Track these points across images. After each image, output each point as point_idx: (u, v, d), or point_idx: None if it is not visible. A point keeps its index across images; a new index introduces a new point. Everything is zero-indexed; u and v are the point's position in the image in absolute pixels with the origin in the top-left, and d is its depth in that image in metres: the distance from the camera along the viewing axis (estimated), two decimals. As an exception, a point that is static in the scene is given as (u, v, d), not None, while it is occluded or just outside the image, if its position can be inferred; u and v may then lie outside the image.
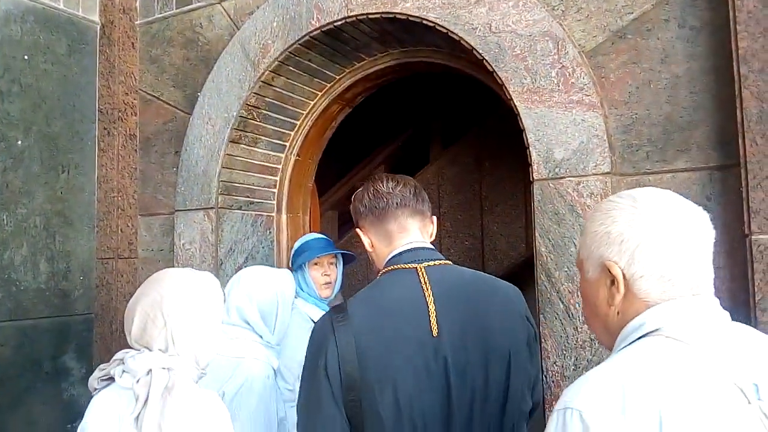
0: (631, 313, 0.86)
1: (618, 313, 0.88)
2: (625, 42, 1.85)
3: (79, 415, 2.55)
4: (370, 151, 5.01)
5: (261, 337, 1.89)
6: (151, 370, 1.26)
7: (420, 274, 1.26)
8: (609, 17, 1.87)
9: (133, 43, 2.74)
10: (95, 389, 1.34)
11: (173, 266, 2.51)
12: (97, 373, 1.34)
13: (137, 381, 1.26)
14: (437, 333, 1.20)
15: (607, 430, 0.74)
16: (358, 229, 1.42)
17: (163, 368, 1.28)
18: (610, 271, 0.87)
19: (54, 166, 2.53)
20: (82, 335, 2.60)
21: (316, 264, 2.31)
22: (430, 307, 1.22)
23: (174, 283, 1.36)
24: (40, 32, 2.55)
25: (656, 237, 0.85)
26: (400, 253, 1.31)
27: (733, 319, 0.88)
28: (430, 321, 1.21)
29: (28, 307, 2.40)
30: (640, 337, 0.84)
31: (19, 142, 2.44)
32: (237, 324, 1.88)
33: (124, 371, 1.30)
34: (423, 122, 4.93)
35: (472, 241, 4.11)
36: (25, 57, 2.50)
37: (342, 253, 2.43)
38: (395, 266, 1.30)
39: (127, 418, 1.24)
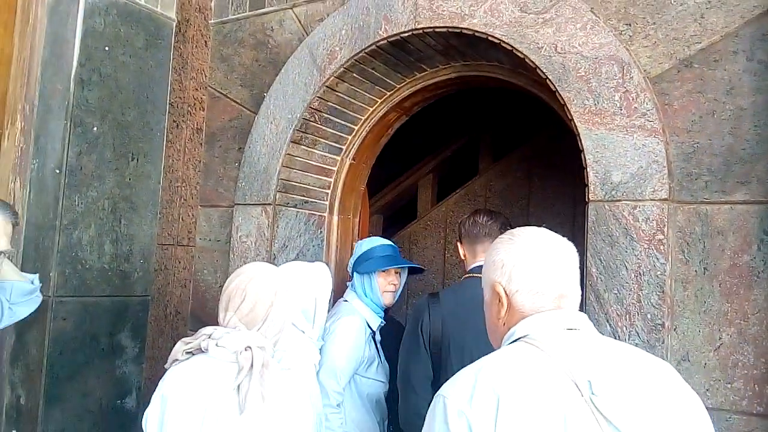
0: (512, 323, 1.08)
1: (504, 324, 1.10)
2: (691, 71, 1.86)
3: (128, 392, 2.69)
4: (420, 158, 5.07)
5: (303, 332, 1.95)
6: (249, 347, 1.41)
7: None
8: (676, 45, 1.89)
9: (206, 41, 2.87)
10: (177, 360, 1.45)
11: (228, 257, 2.62)
12: (181, 346, 1.46)
13: (237, 353, 1.40)
14: None
15: (458, 412, 0.95)
16: (458, 242, 2.14)
17: (260, 347, 1.43)
18: (496, 290, 1.11)
19: (125, 154, 2.67)
20: (138, 316, 2.73)
21: (384, 272, 2.34)
22: None
23: (269, 273, 1.54)
24: (121, 25, 2.70)
25: (527, 259, 1.09)
26: (478, 267, 1.88)
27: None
28: None
29: (92, 285, 2.53)
30: (511, 342, 1.06)
31: (95, 129, 2.58)
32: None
33: (216, 345, 1.42)
34: (474, 133, 4.96)
35: (515, 255, 4.11)
36: (106, 48, 2.65)
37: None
38: (473, 275, 1.96)
39: (224, 388, 1.36)
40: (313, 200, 2.79)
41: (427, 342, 1.92)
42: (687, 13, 1.87)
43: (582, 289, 1.87)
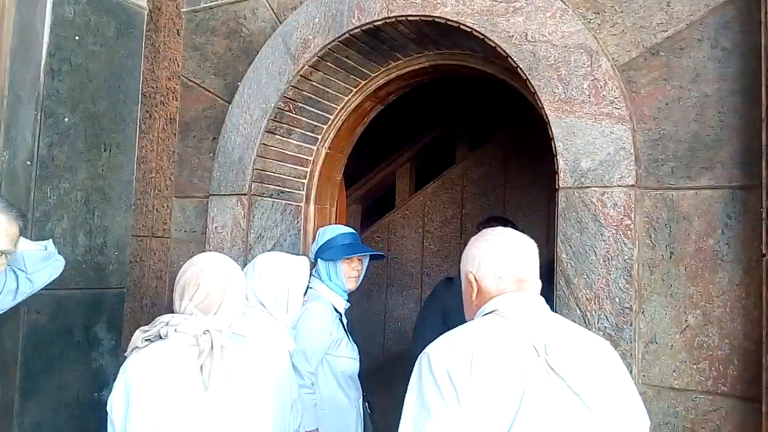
0: (482, 303, 1.33)
1: (476, 305, 1.35)
2: (658, 59, 1.90)
3: (105, 384, 2.68)
4: (397, 148, 5.08)
5: (276, 319, 1.97)
6: (208, 330, 1.50)
7: None
8: (643, 33, 1.92)
9: (178, 30, 2.84)
10: (136, 348, 1.52)
11: (204, 248, 2.61)
12: (140, 334, 1.54)
13: (196, 336, 1.49)
14: None
15: (440, 362, 1.19)
16: None
17: (217, 330, 1.52)
18: (468, 278, 1.37)
19: (97, 144, 2.64)
20: (113, 308, 2.70)
21: (348, 259, 2.40)
22: None
23: (220, 264, 1.62)
24: (91, 14, 2.65)
25: (491, 252, 1.35)
26: None
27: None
28: None
29: (66, 278, 2.49)
30: (483, 315, 1.31)
31: (66, 119, 2.54)
32: (253, 306, 1.96)
33: (176, 331, 1.49)
34: (450, 122, 4.98)
35: (492, 243, 4.15)
36: (76, 38, 2.60)
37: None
38: None
39: (187, 369, 1.46)
40: (289, 190, 2.79)
41: (440, 318, 2.47)
42: (653, 2, 1.90)
43: (553, 275, 1.93)
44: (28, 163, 2.46)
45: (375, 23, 2.34)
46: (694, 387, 1.79)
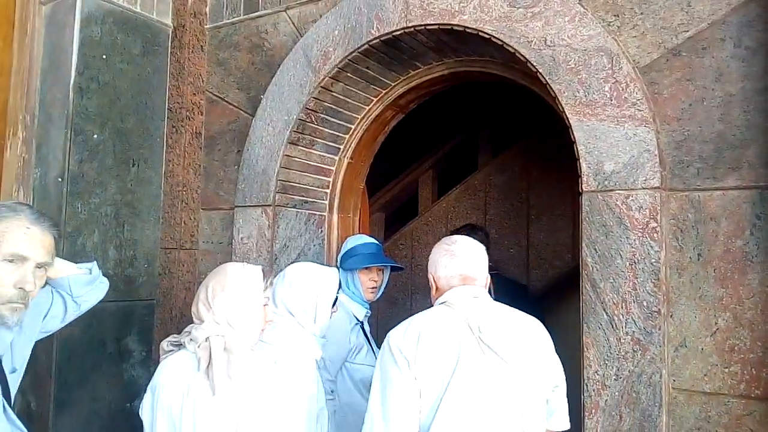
0: (439, 296, 1.75)
1: (435, 298, 1.77)
2: (680, 59, 1.88)
3: (137, 395, 2.73)
4: (419, 155, 5.09)
5: (304, 327, 1.99)
6: (209, 337, 1.57)
7: None
8: (664, 34, 1.91)
9: (202, 46, 2.90)
10: (165, 352, 1.65)
11: (231, 259, 2.65)
12: (169, 339, 1.68)
13: (198, 345, 1.57)
14: None
15: (395, 343, 1.62)
16: None
17: (218, 335, 1.58)
18: (429, 277, 1.82)
19: (125, 160, 2.71)
20: (144, 319, 2.76)
21: (366, 269, 2.45)
22: None
23: (222, 274, 1.69)
24: (118, 33, 2.73)
25: (443, 257, 1.78)
26: None
27: None
28: None
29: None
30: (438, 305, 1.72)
31: (95, 136, 2.62)
32: (282, 315, 1.99)
33: (190, 339, 1.61)
34: (472, 129, 4.98)
35: (517, 249, 4.14)
36: (104, 56, 2.68)
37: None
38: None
39: (197, 374, 1.55)
40: (313, 200, 2.82)
41: None
42: (674, 2, 1.89)
43: (579, 280, 1.92)
44: (60, 179, 2.53)
45: (394, 33, 2.36)
46: (726, 391, 1.76)
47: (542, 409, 1.66)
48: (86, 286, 1.87)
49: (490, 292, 1.82)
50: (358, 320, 2.43)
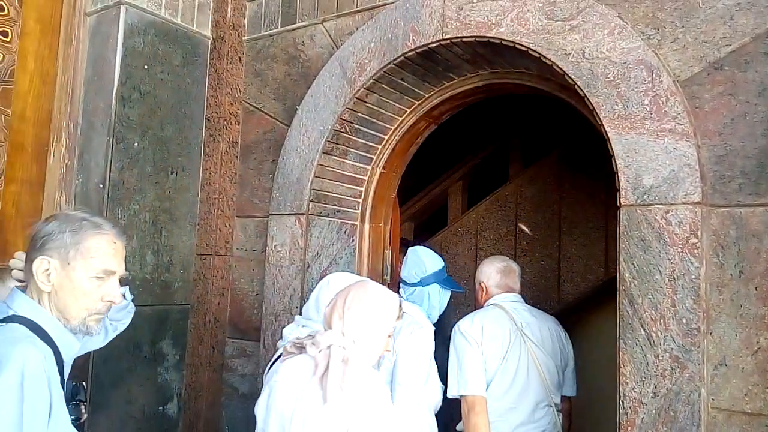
0: (487, 299, 2.65)
1: (484, 300, 2.66)
2: (722, 73, 1.86)
3: (170, 399, 2.77)
4: (449, 166, 5.09)
5: None
6: (331, 345, 1.61)
7: None
8: (706, 48, 1.89)
9: (240, 57, 2.95)
10: (288, 353, 1.70)
11: (264, 266, 2.69)
12: (292, 341, 1.73)
13: (319, 351, 1.62)
14: None
15: (466, 330, 2.47)
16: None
17: (340, 346, 1.62)
18: (481, 285, 2.70)
19: (164, 168, 2.77)
20: (178, 324, 2.81)
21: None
22: None
23: (363, 290, 1.75)
24: (159, 44, 2.80)
25: (495, 271, 2.69)
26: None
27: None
28: None
29: (135, 295, 2.61)
30: (488, 305, 2.66)
31: (136, 144, 2.69)
32: (320, 321, 2.01)
33: (312, 343, 1.65)
34: (503, 140, 4.97)
35: (548, 261, 4.10)
36: (145, 66, 2.75)
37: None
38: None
39: (312, 379, 1.59)
40: (345, 209, 2.84)
41: None
42: (716, 16, 1.87)
43: (615, 293, 1.90)
44: (101, 186, 2.60)
45: (430, 45, 2.38)
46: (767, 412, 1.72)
47: (559, 379, 2.56)
48: (122, 311, 1.88)
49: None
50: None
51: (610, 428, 2.07)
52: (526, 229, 3.53)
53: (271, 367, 2.10)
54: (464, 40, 2.30)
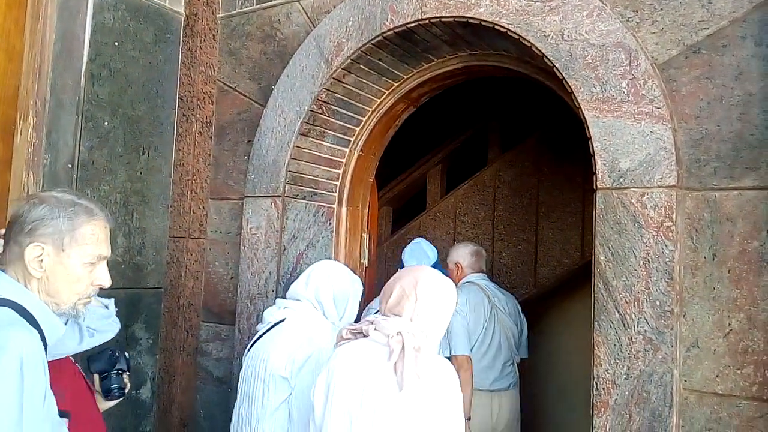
0: (461, 277, 3.23)
1: (458, 280, 3.19)
2: (699, 57, 1.85)
3: (143, 383, 2.73)
4: (427, 150, 5.07)
5: (327, 318, 2.13)
6: (400, 332, 1.61)
7: None
8: (684, 31, 1.88)
9: (213, 35, 2.88)
10: (343, 340, 1.72)
11: (240, 249, 2.65)
12: (348, 327, 1.75)
13: (391, 337, 1.60)
14: None
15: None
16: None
17: (410, 333, 1.62)
18: (457, 264, 3.27)
19: (136, 148, 2.70)
20: (151, 307, 2.76)
21: None
22: None
23: (432, 280, 1.75)
24: (130, 21, 2.72)
25: (466, 252, 3.33)
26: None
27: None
28: None
29: (106, 278, 2.57)
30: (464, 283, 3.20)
31: (106, 123, 2.61)
32: (309, 299, 2.13)
33: (375, 329, 1.66)
34: (482, 124, 4.96)
35: (525, 245, 4.12)
36: (116, 43, 2.67)
37: None
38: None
39: (380, 366, 1.59)
40: (322, 192, 2.81)
41: None
42: (694, -1, 1.86)
43: (590, 276, 1.91)
44: (70, 165, 2.53)
45: (408, 25, 2.34)
46: (738, 393, 1.75)
47: (518, 343, 3.24)
48: (102, 320, 1.75)
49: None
50: None
51: (584, 411, 2.09)
52: None
53: (249, 349, 2.09)
54: (443, 20, 2.26)
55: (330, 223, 2.84)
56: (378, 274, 3.43)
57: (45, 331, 1.32)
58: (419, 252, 3.09)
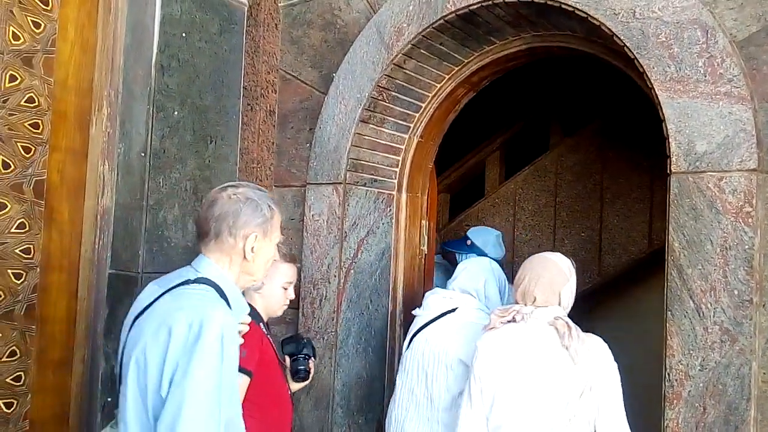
0: None
1: None
2: (783, 32, 1.75)
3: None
4: (487, 135, 5.00)
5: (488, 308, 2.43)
6: (560, 317, 1.93)
7: None
8: (765, 6, 1.78)
9: (276, 24, 2.92)
10: (493, 328, 2.00)
11: (302, 236, 2.70)
12: (496, 318, 2.01)
13: (556, 320, 1.91)
14: None
15: None
16: None
17: (563, 317, 1.93)
18: None
19: (203, 137, 2.77)
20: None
21: None
22: None
23: (564, 266, 2.04)
24: (196, 12, 2.78)
25: None
26: None
27: None
28: None
29: (177, 262, 2.63)
30: None
31: (176, 113, 2.69)
32: (471, 291, 2.50)
33: (528, 317, 1.94)
34: (543, 108, 4.84)
35: (589, 233, 4.01)
36: (183, 35, 2.74)
37: None
38: None
39: (552, 347, 1.88)
40: (382, 178, 2.82)
41: None
42: (779, -30, 1.75)
43: (662, 265, 1.84)
44: (143, 154, 2.62)
45: (470, 7, 2.30)
46: (823, 387, 1.66)
47: None
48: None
49: None
50: None
51: (653, 403, 2.03)
52: None
53: (417, 334, 2.43)
54: (507, 0, 2.21)
55: (390, 210, 2.84)
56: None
57: (233, 308, 1.54)
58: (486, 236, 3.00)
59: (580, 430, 1.84)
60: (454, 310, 2.40)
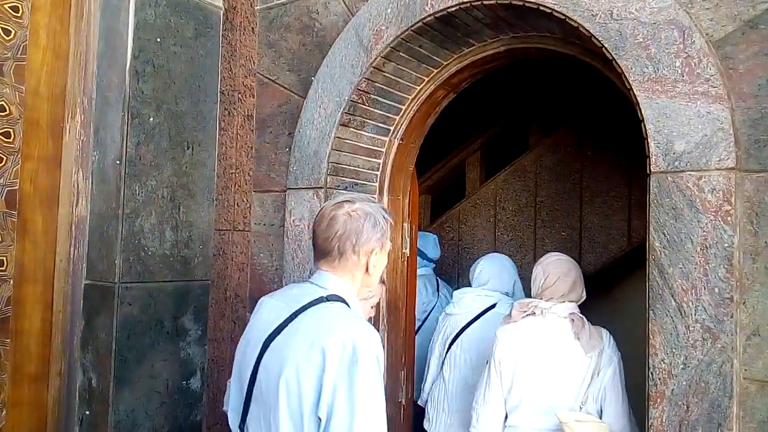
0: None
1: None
2: (757, 32, 1.77)
3: (192, 373, 2.78)
4: (466, 136, 5.01)
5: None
6: (574, 312, 2.27)
7: None
8: (740, 6, 1.79)
9: (252, 28, 2.89)
10: (515, 320, 2.32)
11: (283, 241, 2.66)
12: (518, 312, 2.32)
13: (572, 315, 2.26)
14: None
15: None
16: None
17: (576, 311, 2.29)
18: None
19: (180, 143, 2.74)
20: (199, 299, 2.81)
21: None
22: None
23: (567, 263, 2.40)
24: (171, 16, 2.74)
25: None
26: None
27: None
28: None
29: (155, 271, 2.62)
30: None
31: (151, 119, 2.65)
32: (500, 289, 3.03)
33: (547, 312, 2.27)
34: (522, 108, 4.87)
35: (569, 232, 4.04)
36: (158, 40, 2.70)
37: None
38: None
39: (563, 337, 2.24)
40: (363, 182, 2.80)
41: None
42: (753, -29, 1.77)
43: (642, 264, 1.85)
44: (118, 162, 2.57)
45: (449, 9, 2.30)
46: (804, 383, 1.67)
47: None
48: None
49: None
50: None
51: (638, 402, 2.04)
52: None
53: (462, 331, 2.93)
54: (485, 3, 2.21)
55: (372, 213, 2.82)
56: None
57: None
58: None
59: (589, 412, 2.13)
60: (493, 306, 2.89)
